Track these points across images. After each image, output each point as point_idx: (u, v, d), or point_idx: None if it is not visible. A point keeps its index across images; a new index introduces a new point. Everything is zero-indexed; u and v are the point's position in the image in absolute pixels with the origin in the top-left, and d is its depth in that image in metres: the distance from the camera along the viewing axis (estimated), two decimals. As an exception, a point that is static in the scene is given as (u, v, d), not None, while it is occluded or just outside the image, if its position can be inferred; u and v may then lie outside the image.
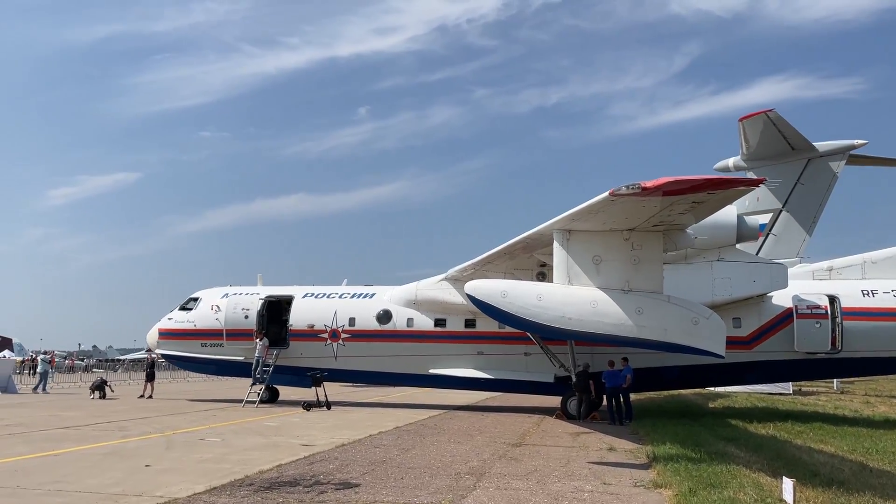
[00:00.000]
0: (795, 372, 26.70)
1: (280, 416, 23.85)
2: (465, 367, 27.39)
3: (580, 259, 17.40)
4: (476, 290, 18.79)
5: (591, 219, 16.52)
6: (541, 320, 17.52)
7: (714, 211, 17.13)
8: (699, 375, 26.22)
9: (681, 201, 15.11)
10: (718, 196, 15.23)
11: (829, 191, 28.14)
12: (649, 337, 16.95)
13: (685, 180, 13.48)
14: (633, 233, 17.11)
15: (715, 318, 17.06)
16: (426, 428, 20.74)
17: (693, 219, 17.07)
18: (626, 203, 15.13)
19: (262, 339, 28.48)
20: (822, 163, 27.89)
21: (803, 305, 25.25)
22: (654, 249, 17.37)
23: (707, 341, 16.83)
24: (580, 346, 25.15)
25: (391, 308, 28.60)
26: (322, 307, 29.41)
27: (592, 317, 16.98)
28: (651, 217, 15.99)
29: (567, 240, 17.57)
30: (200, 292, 31.49)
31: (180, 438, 17.44)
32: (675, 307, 17.10)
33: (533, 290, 17.95)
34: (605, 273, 17.33)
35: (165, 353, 31.82)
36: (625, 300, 16.98)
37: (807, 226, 28.19)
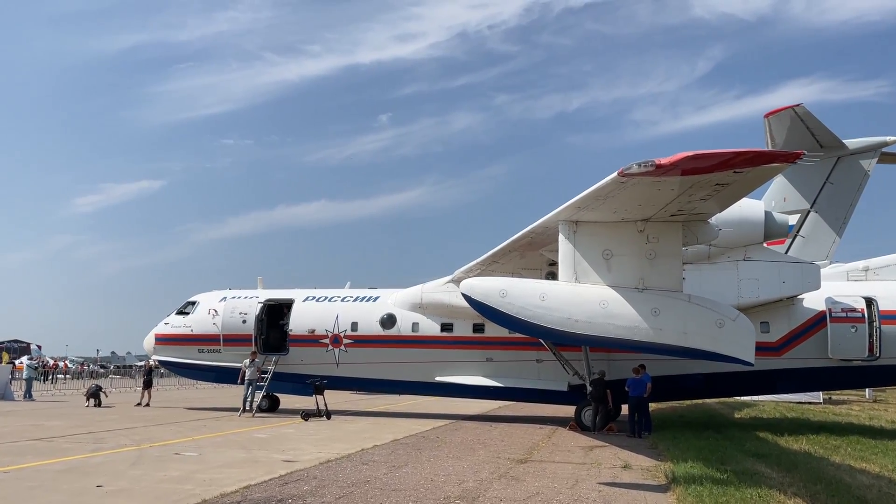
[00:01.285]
0: (829, 380, 24.70)
1: (274, 428, 22.39)
2: (474, 375, 25.81)
3: (589, 254, 15.70)
4: (472, 290, 17.16)
5: (599, 207, 14.78)
6: (544, 322, 15.85)
7: (742, 195, 15.15)
8: (724, 384, 24.35)
9: (703, 183, 13.32)
10: (748, 176, 13.29)
11: (860, 190, 26.48)
12: (667, 341, 15.23)
13: (708, 155, 11.69)
14: (648, 223, 15.38)
15: (742, 319, 15.28)
16: (426, 441, 19.15)
17: (717, 206, 15.28)
18: (638, 186, 13.38)
19: (253, 359, 26.81)
20: (852, 161, 26.22)
21: (837, 308, 23.36)
22: (673, 243, 15.62)
23: (733, 346, 15.06)
24: (596, 353, 23.50)
25: (395, 312, 27.09)
26: (323, 311, 27.96)
27: (602, 318, 15.29)
28: (668, 204, 14.23)
29: (574, 232, 15.87)
30: (198, 296, 30.17)
31: (154, 452, 16.01)
32: (697, 308, 15.35)
33: (535, 289, 16.27)
34: (616, 269, 15.62)
35: (162, 360, 30.51)
36: (639, 300, 15.26)
37: (836, 227, 26.52)
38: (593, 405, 22.51)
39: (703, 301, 15.52)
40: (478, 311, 17.54)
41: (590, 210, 15.17)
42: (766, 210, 22.65)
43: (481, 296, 16.90)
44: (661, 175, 12.36)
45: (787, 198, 26.31)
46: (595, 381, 22.62)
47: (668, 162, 11.63)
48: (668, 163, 11.63)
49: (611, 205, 14.69)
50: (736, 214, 21.78)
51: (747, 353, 15.12)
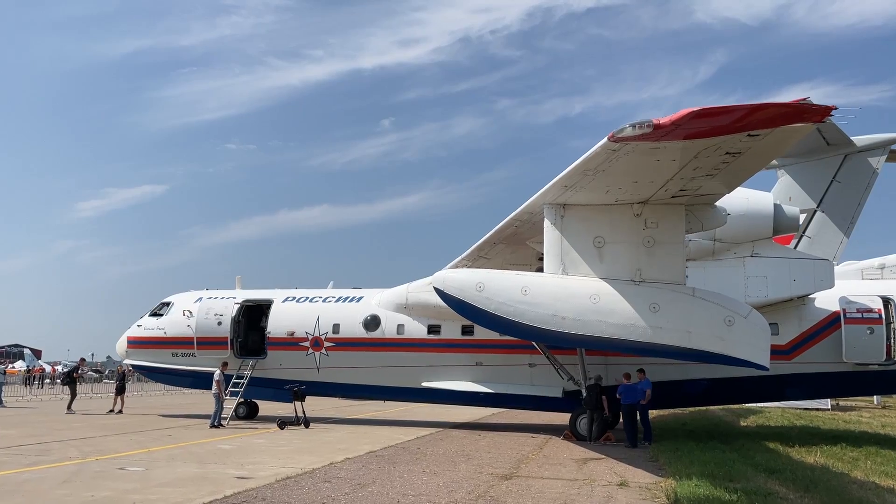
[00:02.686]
0: (843, 386, 22.95)
1: (244, 437, 20.75)
2: (462, 380, 24.17)
3: (578, 241, 13.98)
4: (445, 283, 15.48)
5: (589, 185, 13.03)
6: (526, 320, 14.15)
7: (755, 168, 13.15)
8: (730, 390, 22.65)
9: (710, 150, 11.48)
10: (765, 142, 11.29)
11: (868, 189, 25.31)
12: (668, 342, 13.51)
13: (716, 111, 9.87)
14: (645, 206, 13.65)
15: (755, 316, 13.56)
16: (404, 453, 17.49)
17: (724, 185, 13.52)
18: (633, 155, 11.58)
19: (223, 369, 24.78)
20: (860, 158, 25.03)
21: (852, 309, 21.69)
22: (674, 229, 13.90)
23: (745, 348, 13.32)
24: (593, 356, 21.85)
25: (380, 313, 25.44)
26: (303, 312, 26.32)
27: (593, 315, 13.58)
28: (669, 181, 12.49)
29: (561, 217, 14.14)
30: (173, 296, 28.55)
31: (94, 468, 14.36)
32: (702, 303, 13.61)
33: (517, 282, 14.54)
34: (610, 259, 13.91)
35: (135, 364, 28.85)
36: (635, 294, 13.54)
37: (844, 227, 25.23)
38: (588, 413, 20.84)
39: (710, 295, 13.77)
40: (452, 307, 15.88)
41: (579, 190, 13.40)
42: (775, 202, 21.01)
43: (456, 290, 15.20)
44: (660, 139, 10.61)
45: (793, 197, 24.98)
46: (590, 387, 20.96)
47: (668, 121, 9.93)
48: (669, 122, 9.92)
49: (602, 182, 12.87)
50: (743, 207, 20.25)
51: (761, 356, 13.38)
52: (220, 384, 24.08)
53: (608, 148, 11.39)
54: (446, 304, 15.89)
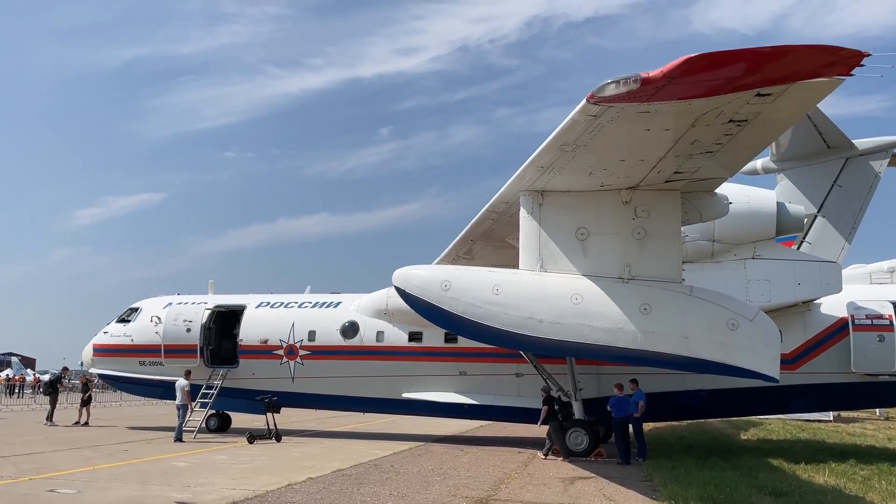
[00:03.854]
0: (852, 398, 21.41)
1: (204, 453, 19.22)
2: (445, 391, 22.71)
3: (558, 233, 12.46)
4: (406, 281, 13.95)
5: (569, 165, 11.44)
6: (498, 324, 12.62)
7: (763, 143, 11.44)
8: (731, 403, 21.15)
9: (712, 115, 9.78)
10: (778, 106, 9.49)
11: (870, 193, 24.22)
12: (661, 349, 11.97)
13: (720, 57, 8.16)
14: (635, 192, 12.10)
15: (763, 319, 12.04)
16: (376, 471, 15.96)
17: (725, 168, 11.96)
18: (618, 124, 10.09)
19: (187, 378, 23.28)
20: (862, 162, 23.98)
21: (861, 315, 20.24)
22: (668, 218, 12.37)
23: (750, 356, 11.77)
24: (583, 366, 20.40)
25: (358, 319, 23.96)
26: (277, 319, 24.84)
27: (575, 318, 12.05)
28: (662, 159, 10.93)
29: (539, 205, 12.58)
30: (141, 302, 27.06)
31: (21, 489, 12.84)
32: (701, 303, 12.08)
33: (488, 280, 13.00)
34: (594, 253, 12.39)
35: (101, 373, 27.31)
36: (624, 293, 12.02)
37: (846, 232, 24.12)
38: (553, 432, 19.23)
39: (710, 295, 12.23)
40: (414, 308, 14.38)
41: (558, 173, 11.80)
42: (778, 200, 19.62)
43: (418, 288, 13.66)
44: (650, 99, 9.03)
45: (793, 202, 23.67)
46: (544, 400, 19.45)
47: (659, 74, 8.36)
48: (660, 75, 8.35)
49: (584, 160, 11.27)
50: (744, 205, 18.87)
51: (769, 365, 11.84)
52: (188, 394, 22.65)
53: (588, 113, 9.84)
54: (408, 304, 14.41)
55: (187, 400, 22.68)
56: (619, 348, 12.28)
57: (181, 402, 22.51)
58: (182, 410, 22.55)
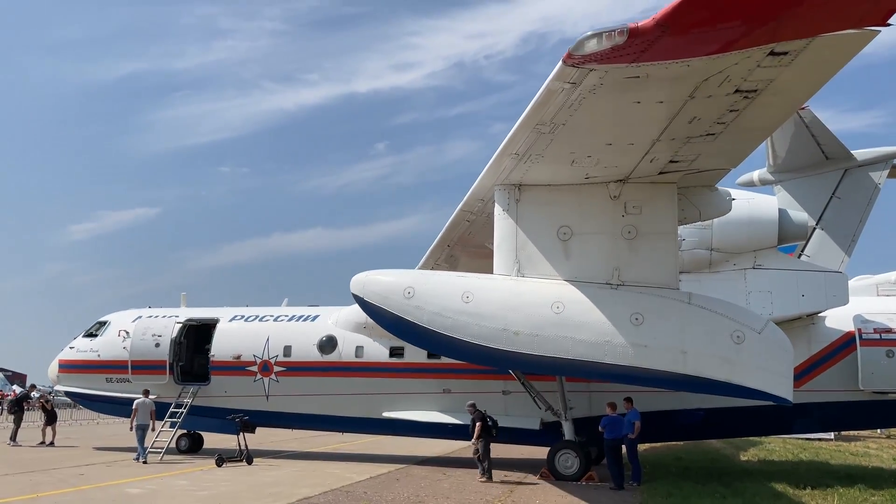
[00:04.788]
0: (859, 417, 20.13)
1: (164, 478, 17.85)
2: (428, 410, 21.37)
3: (537, 232, 11.18)
4: (365, 288, 12.65)
5: (548, 150, 10.05)
6: (468, 336, 11.32)
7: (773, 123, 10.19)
8: (730, 423, 19.85)
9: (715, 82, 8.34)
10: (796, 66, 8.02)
11: (870, 205, 23.28)
12: (655, 366, 10.66)
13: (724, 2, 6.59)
14: (625, 185, 10.80)
15: (772, 331, 10.79)
16: (347, 499, 14.62)
17: (727, 158, 10.62)
18: (602, 94, 8.80)
19: (146, 395, 22.04)
20: (861, 173, 23.13)
21: (869, 329, 19.05)
22: (663, 215, 11.10)
23: (759, 374, 10.46)
24: (574, 383, 19.16)
25: (336, 334, 22.66)
26: (251, 333, 23.53)
27: (556, 330, 10.76)
28: (656, 141, 9.56)
29: (516, 201, 11.28)
30: (110, 315, 25.75)
31: (-60, 523, 11.49)
32: (701, 313, 10.78)
33: (457, 287, 11.71)
34: (578, 255, 11.14)
35: (67, 390, 25.92)
36: (612, 301, 10.74)
37: (845, 245, 23.19)
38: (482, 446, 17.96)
39: (711, 303, 10.91)
40: (374, 318, 13.11)
41: (536, 161, 10.43)
42: (780, 207, 18.48)
43: (378, 296, 12.34)
44: (640, 58, 7.65)
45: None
46: (479, 417, 18.13)
47: (652, 23, 7.00)
48: (653, 24, 6.99)
49: (564, 143, 9.89)
50: (744, 211, 17.74)
51: (780, 385, 10.51)
52: (153, 413, 21.50)
53: (565, 80, 8.49)
54: (366, 314, 13.11)
55: (152, 419, 21.31)
56: (606, 364, 10.93)
57: (143, 422, 21.17)
58: (142, 431, 21.20)
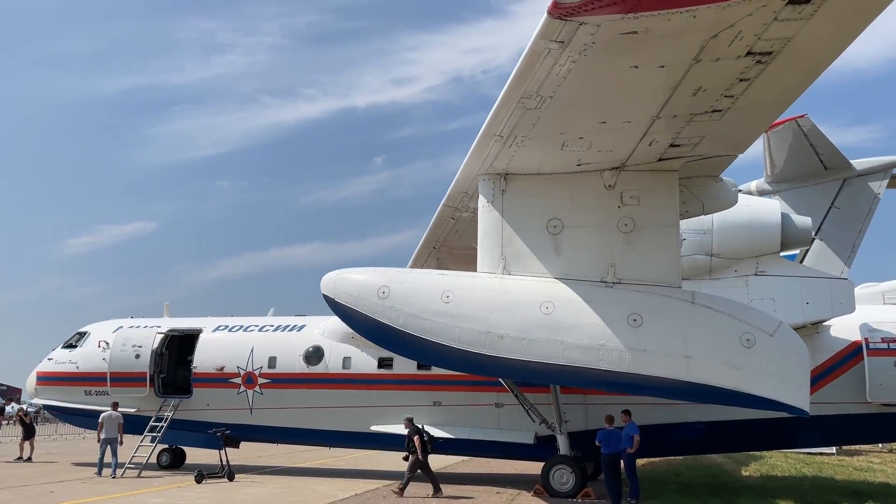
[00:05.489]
0: (867, 431, 19.22)
1: (139, 495, 17.05)
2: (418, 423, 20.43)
3: (525, 226, 10.34)
4: (336, 288, 11.81)
5: (535, 131, 9.13)
6: (447, 340, 10.46)
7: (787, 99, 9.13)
8: (732, 437, 19.02)
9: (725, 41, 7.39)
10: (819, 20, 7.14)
11: (869, 215, 22.74)
12: (655, 372, 9.79)
13: None
14: (621, 173, 9.94)
15: (786, 334, 9.93)
16: (326, 518, 13.78)
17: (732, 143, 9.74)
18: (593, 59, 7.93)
19: (115, 408, 21.40)
20: (860, 183, 22.58)
21: (876, 338, 18.29)
22: (664, 206, 10.25)
23: (771, 382, 9.56)
24: (570, 394, 18.40)
25: (323, 344, 21.85)
26: (235, 343, 22.72)
27: (545, 333, 9.92)
28: (656, 118, 8.64)
29: (501, 191, 10.42)
30: (90, 326, 24.95)
31: None
32: (707, 314, 9.94)
33: (436, 286, 10.85)
34: (570, 251, 10.30)
35: (45, 403, 25.05)
36: (607, 300, 9.91)
37: (844, 256, 22.77)
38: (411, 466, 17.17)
39: (718, 303, 10.05)
40: (345, 321, 12.29)
41: (522, 144, 9.51)
42: (782, 211, 17.79)
43: (350, 297, 11.48)
44: (638, 7, 6.82)
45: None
46: (414, 431, 17.33)
47: None
48: None
49: (553, 122, 8.96)
50: (745, 215, 17.03)
51: (795, 394, 9.60)
52: (121, 426, 20.82)
53: (551, 38, 7.56)
54: (337, 316, 12.27)
55: (120, 433, 20.74)
56: (600, 371, 10.01)
57: (110, 436, 20.42)
58: (112, 445, 20.57)
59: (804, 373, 9.98)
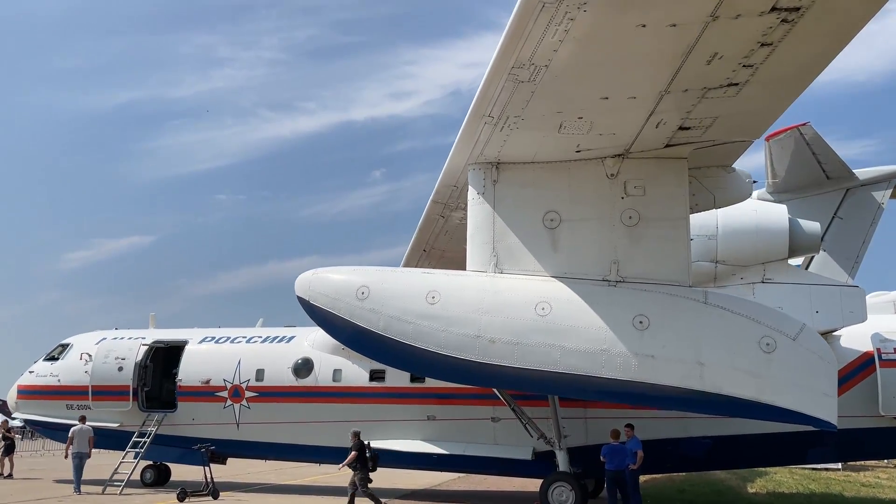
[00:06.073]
0: (880, 446, 18.36)
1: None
2: (411, 438, 19.69)
3: (519, 219, 9.52)
4: (311, 289, 11.00)
5: (528, 109, 8.16)
6: (432, 346, 9.63)
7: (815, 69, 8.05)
8: (738, 452, 18.20)
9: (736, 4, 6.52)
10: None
11: (873, 225, 22.16)
12: (664, 380, 8.93)
13: None
14: (625, 161, 9.12)
15: (810, 337, 9.11)
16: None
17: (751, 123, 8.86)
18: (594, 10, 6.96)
19: (83, 422, 20.88)
20: (863, 193, 21.96)
21: (889, 348, 17.54)
22: (672, 197, 9.41)
23: (795, 391, 8.68)
24: (569, 408, 17.63)
25: (313, 356, 21.06)
26: (222, 356, 21.94)
27: (541, 337, 9.10)
28: (665, 92, 7.70)
29: (493, 182, 9.60)
30: (73, 338, 24.18)
31: None
32: (722, 315, 9.09)
33: (420, 285, 10.02)
34: (568, 246, 9.47)
35: (27, 418, 24.25)
36: (610, 301, 9.08)
37: (848, 267, 22.16)
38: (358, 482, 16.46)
39: (734, 304, 9.19)
40: (321, 325, 11.52)
41: (515, 127, 8.53)
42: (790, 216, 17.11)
43: (326, 298, 10.67)
44: None
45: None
46: (358, 446, 16.64)
47: None
48: None
49: (549, 97, 7.97)
50: (751, 220, 16.33)
51: (821, 405, 8.71)
52: (91, 440, 20.38)
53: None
54: (313, 319, 11.43)
55: (89, 448, 20.24)
56: (603, 380, 9.06)
57: (80, 451, 19.75)
58: (83, 459, 20.14)
59: (831, 381, 9.12)
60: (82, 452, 19.98)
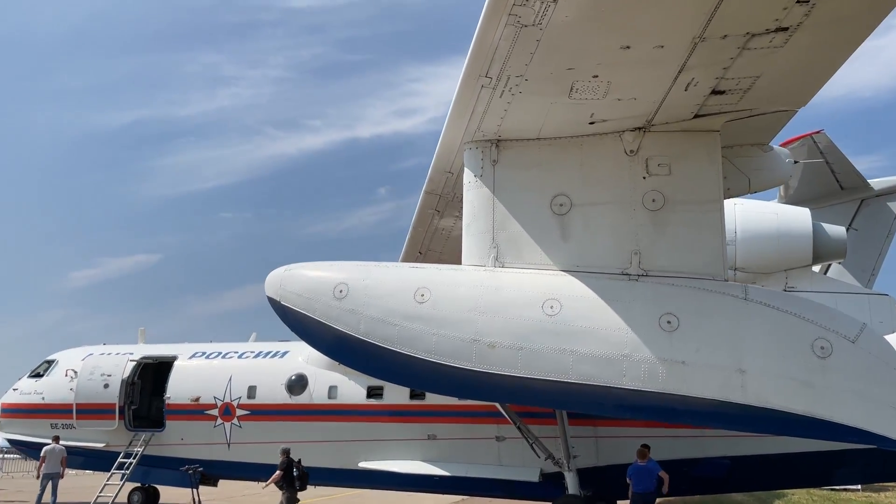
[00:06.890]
0: (912, 466, 17.30)
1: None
2: (410, 459, 18.71)
3: (523, 205, 8.23)
4: (283, 288, 9.65)
5: (532, 67, 6.52)
6: (421, 352, 8.33)
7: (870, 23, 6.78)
8: (759, 474, 17.07)
9: None
10: None
11: (889, 236, 22.04)
12: (697, 392, 7.46)
13: None
14: (647, 135, 7.75)
15: (872, 340, 7.75)
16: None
17: (797, 89, 7.54)
18: None
19: (56, 442, 20.33)
20: (878, 203, 21.71)
21: (921, 361, 16.40)
22: (703, 176, 7.93)
23: (854, 404, 7.25)
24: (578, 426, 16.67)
25: (307, 372, 20.07)
26: (212, 372, 20.98)
27: (549, 341, 7.79)
28: (699, 39, 6.02)
29: (493, 162, 8.22)
30: (58, 354, 23.29)
31: None
32: (766, 313, 7.66)
33: (408, 282, 8.66)
34: (581, 235, 8.17)
35: (10, 438, 23.27)
36: (631, 297, 7.75)
37: (864, 280, 22.06)
38: None
39: (780, 300, 7.79)
40: (294, 329, 10.28)
41: (517, 93, 6.99)
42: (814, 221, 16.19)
43: (300, 299, 9.36)
44: None
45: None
46: (286, 464, 16.51)
47: None
48: None
49: (557, 50, 6.49)
50: (773, 225, 15.40)
51: (887, 419, 7.36)
52: (64, 460, 19.88)
53: None
54: (285, 323, 10.26)
55: (63, 468, 19.70)
56: (624, 391, 7.70)
57: (52, 471, 19.33)
58: (54, 480, 19.54)
59: None
60: (53, 473, 19.14)
